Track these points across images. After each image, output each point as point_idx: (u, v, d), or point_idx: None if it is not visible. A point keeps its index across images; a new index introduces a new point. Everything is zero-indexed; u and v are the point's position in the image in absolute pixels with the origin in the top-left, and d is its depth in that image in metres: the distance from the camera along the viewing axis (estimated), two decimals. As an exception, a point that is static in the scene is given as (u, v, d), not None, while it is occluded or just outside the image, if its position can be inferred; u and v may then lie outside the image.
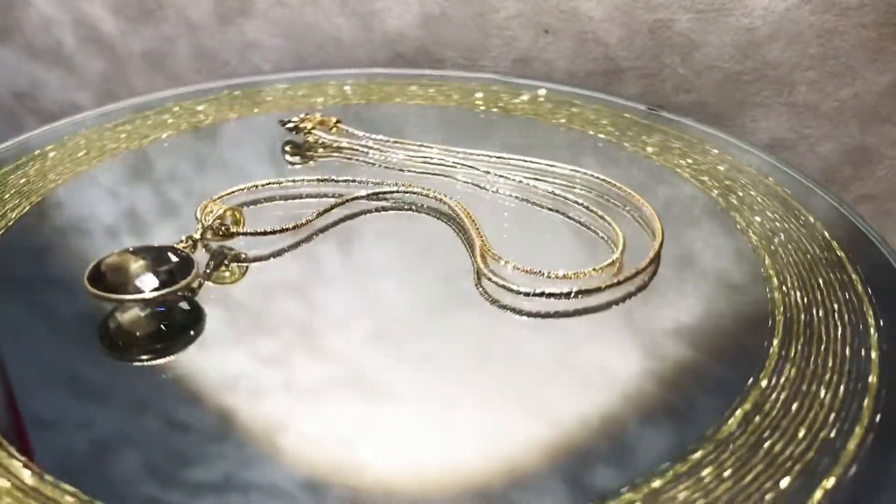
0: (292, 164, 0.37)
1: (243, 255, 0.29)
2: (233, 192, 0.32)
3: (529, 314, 0.26)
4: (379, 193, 0.33)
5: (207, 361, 0.24)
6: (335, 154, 0.37)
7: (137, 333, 0.25)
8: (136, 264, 0.25)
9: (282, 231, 0.30)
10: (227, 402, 0.23)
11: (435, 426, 0.22)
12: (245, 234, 0.29)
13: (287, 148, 0.38)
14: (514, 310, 0.26)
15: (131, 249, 0.26)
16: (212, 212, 0.28)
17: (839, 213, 0.32)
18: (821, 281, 0.28)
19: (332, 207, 0.31)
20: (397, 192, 0.33)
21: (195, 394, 0.23)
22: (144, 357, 0.24)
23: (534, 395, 0.23)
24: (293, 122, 0.38)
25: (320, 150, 0.38)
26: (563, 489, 0.20)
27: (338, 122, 0.38)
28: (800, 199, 0.33)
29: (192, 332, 0.25)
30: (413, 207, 0.32)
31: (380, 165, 0.36)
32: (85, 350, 0.25)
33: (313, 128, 0.38)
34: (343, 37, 0.51)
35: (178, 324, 0.25)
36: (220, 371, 0.24)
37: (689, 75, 0.46)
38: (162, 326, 0.25)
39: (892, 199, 0.46)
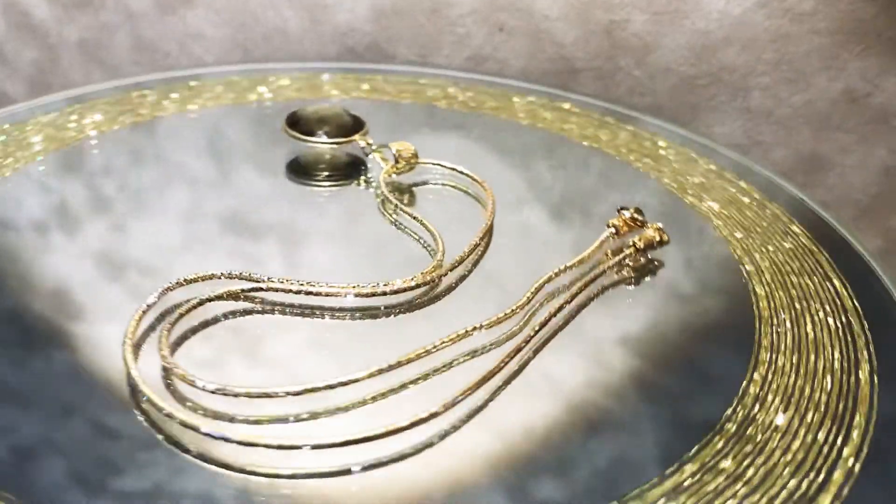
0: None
1: None
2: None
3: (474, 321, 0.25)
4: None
5: (139, 365, 0.22)
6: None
7: (321, 165, 0.34)
8: (322, 117, 0.34)
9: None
10: (157, 407, 0.21)
11: (375, 435, 0.21)
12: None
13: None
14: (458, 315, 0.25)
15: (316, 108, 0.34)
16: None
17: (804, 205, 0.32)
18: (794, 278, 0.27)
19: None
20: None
21: (125, 399, 0.21)
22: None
23: (477, 403, 0.22)
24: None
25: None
26: (506, 500, 0.19)
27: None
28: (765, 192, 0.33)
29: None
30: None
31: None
32: (6, 351, 0.23)
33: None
34: (290, 29, 0.49)
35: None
36: (152, 375, 0.22)
37: (643, 78, 0.45)
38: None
39: (843, 206, 0.46)
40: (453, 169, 0.33)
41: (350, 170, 0.34)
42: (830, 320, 0.26)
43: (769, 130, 0.45)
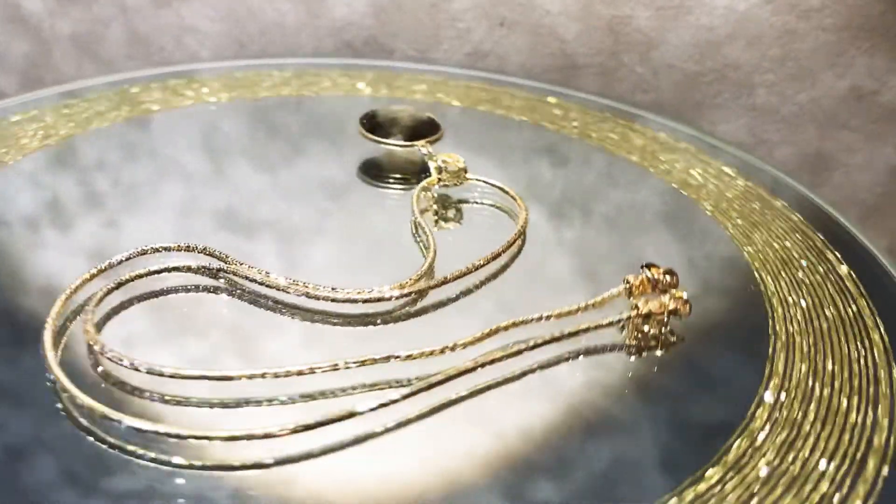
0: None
1: None
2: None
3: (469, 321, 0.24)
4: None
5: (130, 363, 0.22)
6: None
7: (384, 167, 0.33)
8: (396, 118, 0.33)
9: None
10: (151, 406, 0.21)
11: (370, 436, 0.20)
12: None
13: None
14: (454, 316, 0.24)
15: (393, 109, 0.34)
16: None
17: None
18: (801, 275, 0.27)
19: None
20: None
21: (118, 397, 0.21)
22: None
23: (473, 404, 0.21)
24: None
25: None
26: (503, 502, 0.19)
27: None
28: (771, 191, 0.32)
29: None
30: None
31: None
32: None
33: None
34: (287, 23, 0.48)
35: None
36: (144, 373, 0.21)
37: (647, 74, 0.44)
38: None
39: (849, 205, 0.45)
40: (498, 187, 0.31)
41: (411, 174, 0.33)
42: (843, 316, 0.25)
43: (774, 128, 0.45)
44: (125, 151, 0.34)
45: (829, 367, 0.23)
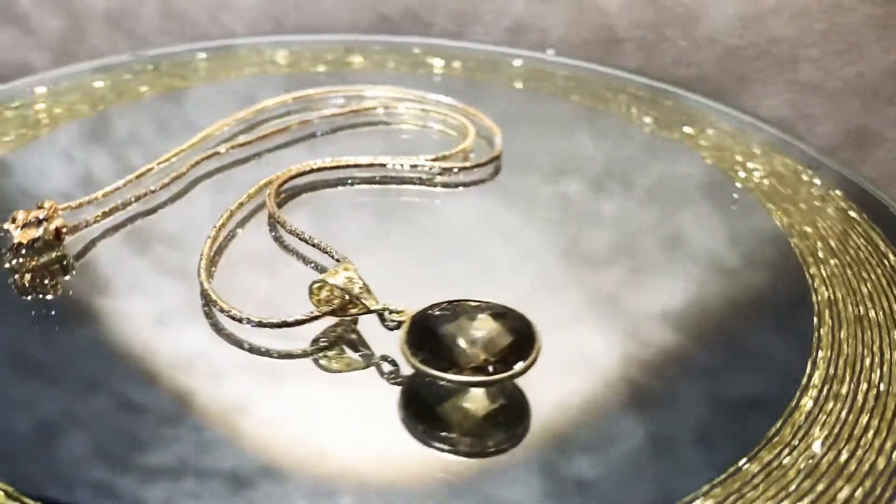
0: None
1: None
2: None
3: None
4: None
5: (163, 338, 0.22)
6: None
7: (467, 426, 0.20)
8: (473, 329, 0.19)
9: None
10: (183, 382, 0.21)
11: (405, 411, 0.20)
12: None
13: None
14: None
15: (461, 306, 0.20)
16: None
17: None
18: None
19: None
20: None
21: (149, 373, 0.21)
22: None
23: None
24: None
25: None
26: (537, 478, 0.18)
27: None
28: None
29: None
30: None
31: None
32: (29, 325, 0.22)
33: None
34: (324, -3, 0.48)
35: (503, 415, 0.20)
36: (176, 349, 0.22)
37: (689, 48, 0.44)
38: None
39: (891, 182, 0.45)
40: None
41: None
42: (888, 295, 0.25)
43: (817, 103, 0.44)
44: (158, 126, 0.33)
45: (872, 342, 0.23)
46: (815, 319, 0.23)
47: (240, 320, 0.22)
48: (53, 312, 0.23)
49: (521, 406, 0.20)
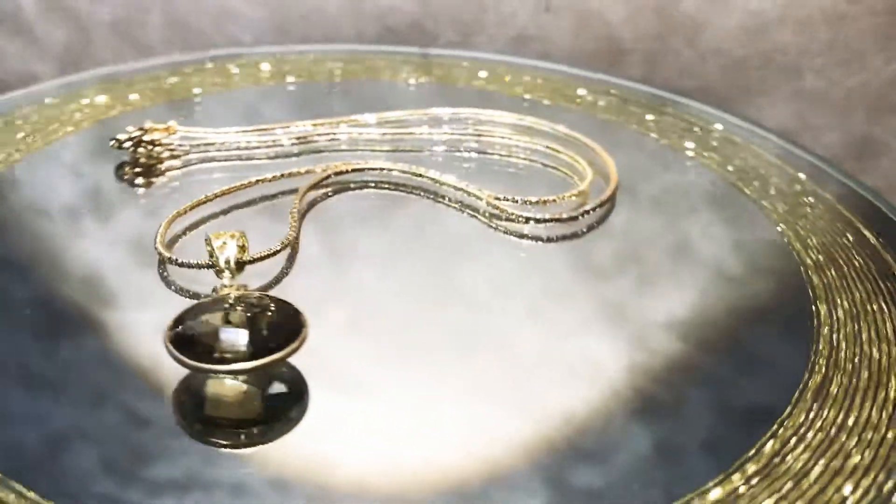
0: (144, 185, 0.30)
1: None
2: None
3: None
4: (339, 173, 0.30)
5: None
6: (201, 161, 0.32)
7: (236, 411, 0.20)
8: (229, 318, 0.20)
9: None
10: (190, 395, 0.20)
11: (410, 421, 0.20)
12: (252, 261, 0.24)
13: (126, 172, 0.30)
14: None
15: (217, 299, 0.21)
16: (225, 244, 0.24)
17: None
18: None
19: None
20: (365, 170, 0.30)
21: (156, 386, 0.21)
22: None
23: (516, 388, 0.21)
24: (127, 137, 0.30)
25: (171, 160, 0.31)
26: (544, 487, 0.18)
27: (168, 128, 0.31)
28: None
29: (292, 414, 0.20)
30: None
31: (276, 156, 0.32)
32: (37, 338, 0.22)
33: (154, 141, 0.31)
34: (329, 7, 0.48)
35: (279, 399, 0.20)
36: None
37: (694, 59, 0.44)
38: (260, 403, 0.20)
39: (894, 191, 0.45)
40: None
41: None
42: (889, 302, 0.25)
43: (822, 113, 0.44)
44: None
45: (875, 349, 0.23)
46: (818, 328, 0.23)
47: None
48: (60, 325, 0.23)
49: (298, 390, 0.20)
